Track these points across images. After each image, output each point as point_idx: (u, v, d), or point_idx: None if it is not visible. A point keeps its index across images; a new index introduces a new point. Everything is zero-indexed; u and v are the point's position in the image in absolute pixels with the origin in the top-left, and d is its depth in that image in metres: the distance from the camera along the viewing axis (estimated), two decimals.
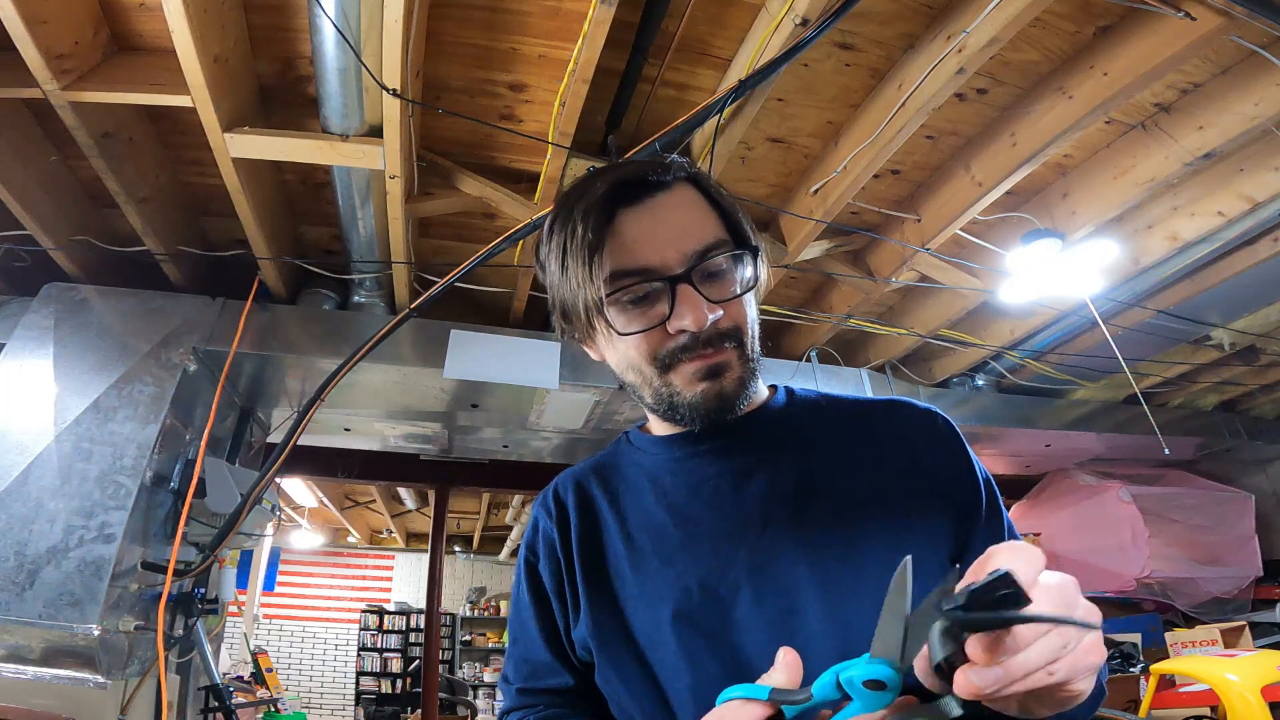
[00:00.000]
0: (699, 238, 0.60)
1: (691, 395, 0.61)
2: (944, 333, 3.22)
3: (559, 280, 0.64)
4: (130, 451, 2.19)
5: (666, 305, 0.59)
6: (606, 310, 0.60)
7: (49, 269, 2.46)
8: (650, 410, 0.69)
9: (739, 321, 0.62)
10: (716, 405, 0.62)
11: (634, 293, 0.59)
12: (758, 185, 2.44)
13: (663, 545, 0.64)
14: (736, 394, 0.62)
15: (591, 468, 0.75)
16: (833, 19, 1.61)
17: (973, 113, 2.16)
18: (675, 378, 0.61)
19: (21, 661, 1.96)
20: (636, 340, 0.61)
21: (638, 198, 0.61)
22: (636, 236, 0.60)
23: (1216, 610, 4.04)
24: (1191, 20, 1.64)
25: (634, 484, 0.70)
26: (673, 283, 0.58)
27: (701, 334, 0.59)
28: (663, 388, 0.62)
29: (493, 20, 1.80)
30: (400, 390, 2.92)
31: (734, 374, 0.62)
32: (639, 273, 0.59)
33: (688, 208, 0.62)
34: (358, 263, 2.52)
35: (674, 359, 0.61)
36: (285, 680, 7.24)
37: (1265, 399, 4.19)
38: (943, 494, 0.63)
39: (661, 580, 0.61)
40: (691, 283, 0.58)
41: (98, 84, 1.78)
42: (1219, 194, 2.36)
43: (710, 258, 0.60)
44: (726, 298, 0.61)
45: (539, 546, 0.71)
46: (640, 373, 0.63)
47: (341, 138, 1.88)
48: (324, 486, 6.40)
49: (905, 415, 0.69)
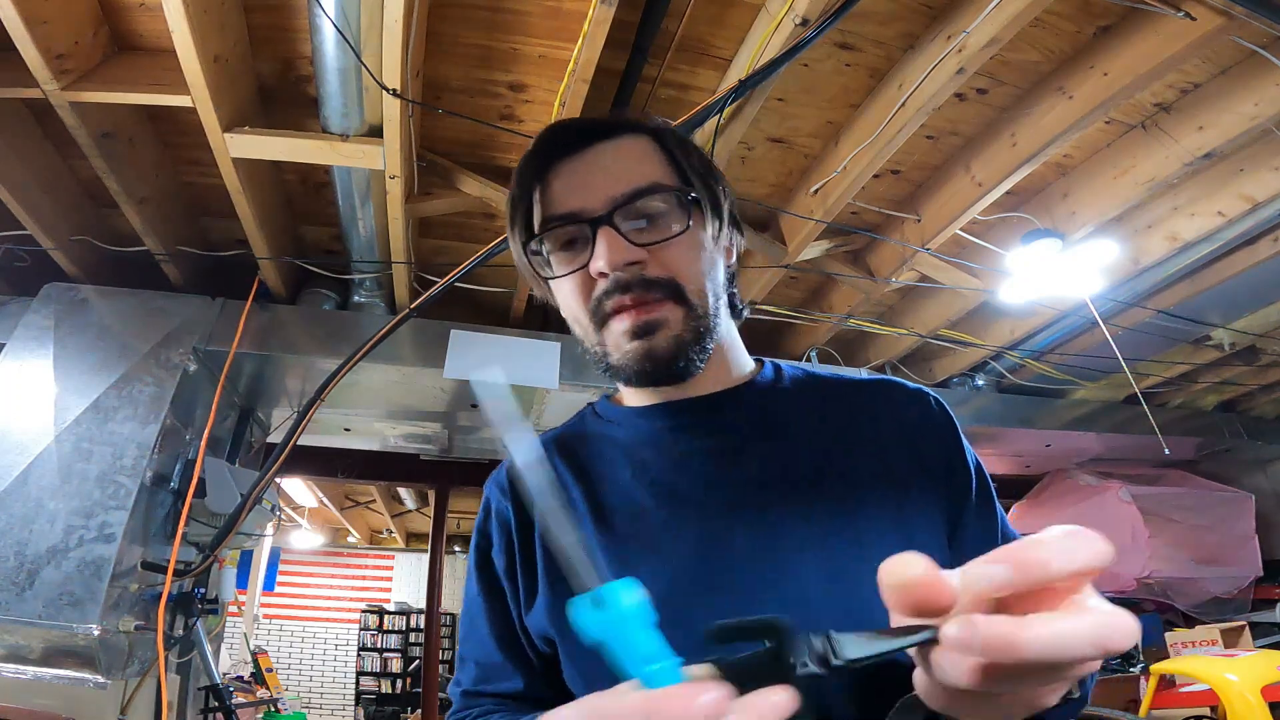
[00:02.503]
0: (629, 181, 0.57)
1: (620, 357, 0.57)
2: (944, 333, 3.22)
3: (511, 242, 0.63)
4: (130, 451, 2.19)
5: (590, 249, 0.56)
6: (543, 257, 0.60)
7: (49, 269, 2.46)
8: (600, 371, 0.64)
9: (675, 271, 0.57)
10: (647, 366, 0.56)
11: (560, 238, 0.58)
12: (758, 185, 2.44)
13: (642, 527, 0.58)
14: (670, 353, 0.56)
15: (553, 440, 0.68)
16: (833, 19, 1.61)
17: (973, 113, 2.16)
18: (607, 337, 0.58)
19: (21, 661, 1.96)
20: (571, 288, 0.59)
21: (575, 148, 0.59)
22: (566, 182, 0.58)
23: (1216, 610, 4.04)
24: (1191, 20, 1.64)
25: (606, 458, 0.63)
26: (593, 224, 0.56)
27: (624, 279, 0.55)
28: (598, 346, 0.59)
29: (493, 20, 1.80)
30: (400, 390, 2.92)
31: (669, 331, 0.56)
32: (564, 217, 0.57)
33: (629, 155, 0.59)
34: (358, 263, 2.52)
35: (603, 310, 0.57)
36: (285, 680, 7.24)
37: (1265, 399, 4.19)
38: (937, 474, 0.60)
39: (642, 564, 0.55)
40: (613, 224, 0.55)
41: (98, 84, 1.78)
42: (1219, 194, 2.36)
43: (639, 200, 0.56)
44: (654, 240, 0.56)
45: (492, 529, 0.65)
46: (580, 325, 0.61)
47: (341, 138, 1.88)
48: (324, 486, 6.40)
49: (898, 394, 0.66)
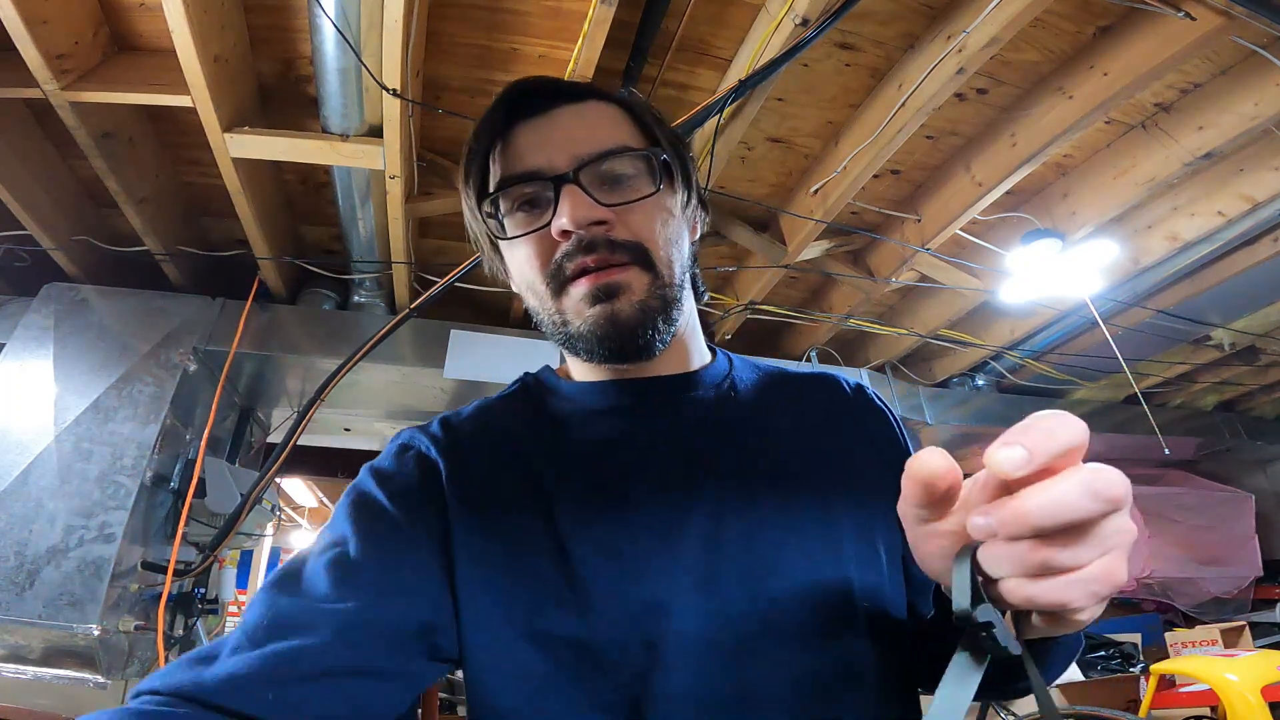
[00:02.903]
0: (597, 142, 0.55)
1: (580, 323, 0.54)
2: (944, 333, 3.22)
3: (464, 202, 0.60)
4: (130, 451, 2.19)
5: (553, 209, 0.53)
6: (498, 220, 0.56)
7: (49, 269, 2.46)
8: (555, 343, 0.60)
9: (642, 235, 0.54)
10: (609, 331, 0.53)
11: (519, 196, 0.55)
12: (758, 185, 2.44)
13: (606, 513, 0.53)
14: (635, 320, 0.53)
15: (487, 409, 0.62)
16: (833, 19, 1.61)
17: (973, 113, 2.16)
18: (566, 303, 0.55)
19: (21, 661, 1.96)
20: (527, 251, 0.55)
21: (538, 109, 0.57)
22: (528, 142, 0.56)
23: (1216, 610, 4.04)
24: (1191, 20, 1.64)
25: (562, 433, 0.58)
26: (557, 182, 0.53)
27: (587, 238, 0.53)
28: (555, 314, 0.56)
29: (493, 20, 1.80)
30: (400, 390, 2.92)
31: (632, 296, 0.53)
32: (525, 176, 0.55)
33: (597, 118, 0.57)
34: (358, 263, 2.52)
35: (562, 273, 0.54)
36: None
37: (1265, 399, 4.19)
38: (888, 464, 0.60)
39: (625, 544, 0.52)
40: (578, 183, 0.53)
41: (98, 84, 1.78)
42: (1219, 194, 2.36)
43: (606, 160, 0.54)
44: (620, 201, 0.54)
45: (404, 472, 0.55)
46: (535, 292, 0.57)
47: (341, 138, 1.88)
48: (324, 486, 6.40)
49: (842, 386, 0.68)
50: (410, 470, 0.55)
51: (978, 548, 0.33)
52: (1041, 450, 0.30)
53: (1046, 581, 0.31)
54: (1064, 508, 0.30)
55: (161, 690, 0.42)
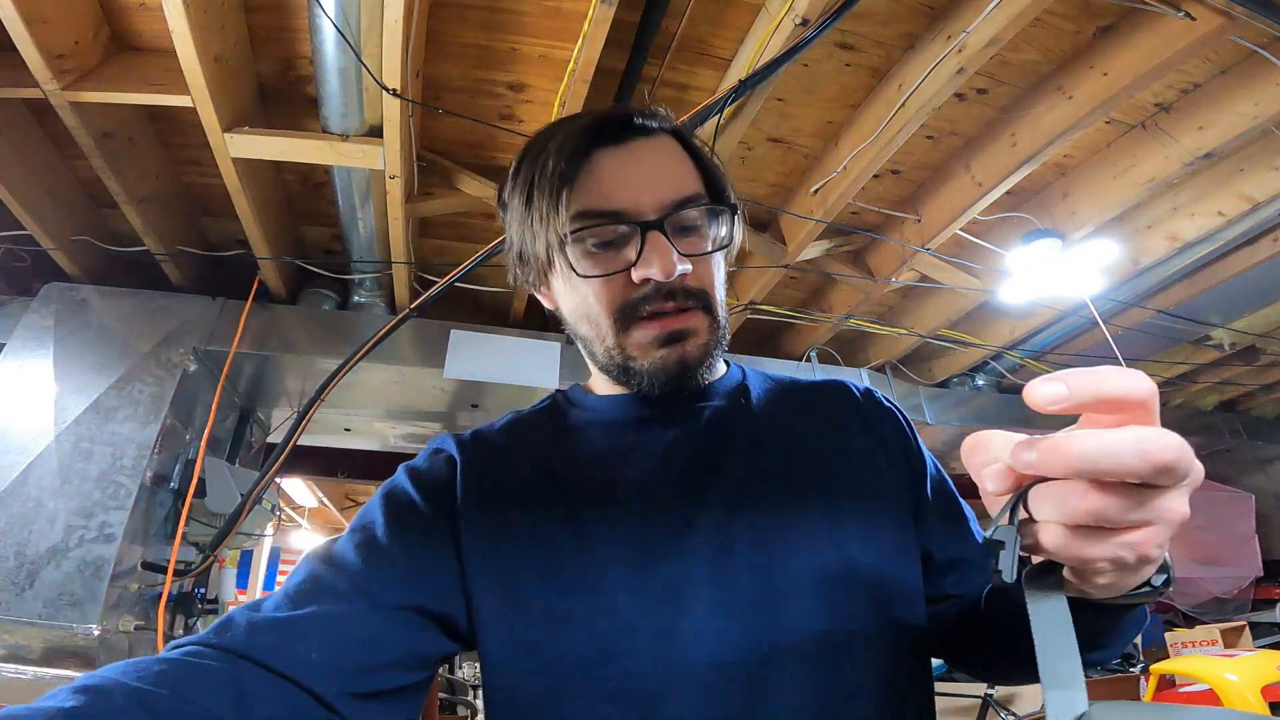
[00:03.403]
0: (677, 187, 0.57)
1: (649, 362, 0.57)
2: (944, 333, 3.22)
3: (521, 216, 0.59)
4: (130, 451, 2.19)
5: (634, 252, 0.55)
6: (569, 251, 0.56)
7: (49, 269, 2.47)
8: (599, 369, 0.63)
9: (707, 283, 0.58)
10: (678, 371, 0.57)
11: (601, 235, 0.56)
12: (758, 185, 2.44)
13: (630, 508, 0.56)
14: (700, 361, 0.57)
15: (521, 420, 0.66)
16: (833, 19, 1.61)
17: (973, 113, 2.16)
18: (632, 342, 0.57)
19: (21, 661, 1.96)
20: (597, 288, 0.56)
21: (619, 138, 0.57)
22: (612, 177, 0.56)
23: (1216, 610, 4.04)
24: (1191, 20, 1.64)
25: (594, 442, 0.62)
26: (644, 228, 0.54)
27: (665, 287, 0.55)
28: (616, 350, 0.58)
29: (493, 20, 1.80)
30: (400, 390, 2.92)
31: (699, 340, 0.57)
32: (610, 215, 0.55)
33: (669, 156, 0.59)
34: (358, 263, 2.52)
35: (635, 313, 0.56)
36: None
37: (1265, 399, 4.19)
38: (899, 462, 0.64)
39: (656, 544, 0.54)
40: (664, 231, 0.54)
41: (98, 84, 1.78)
42: (1219, 194, 2.36)
43: (686, 208, 0.56)
44: (698, 252, 0.57)
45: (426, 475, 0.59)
46: (596, 325, 0.58)
47: (341, 138, 1.88)
48: (324, 486, 6.40)
49: (852, 392, 0.69)
50: (438, 468, 0.60)
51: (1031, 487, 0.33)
52: (1082, 391, 0.30)
53: (1078, 534, 0.31)
54: (1105, 456, 0.29)
55: (200, 641, 0.45)
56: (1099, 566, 0.32)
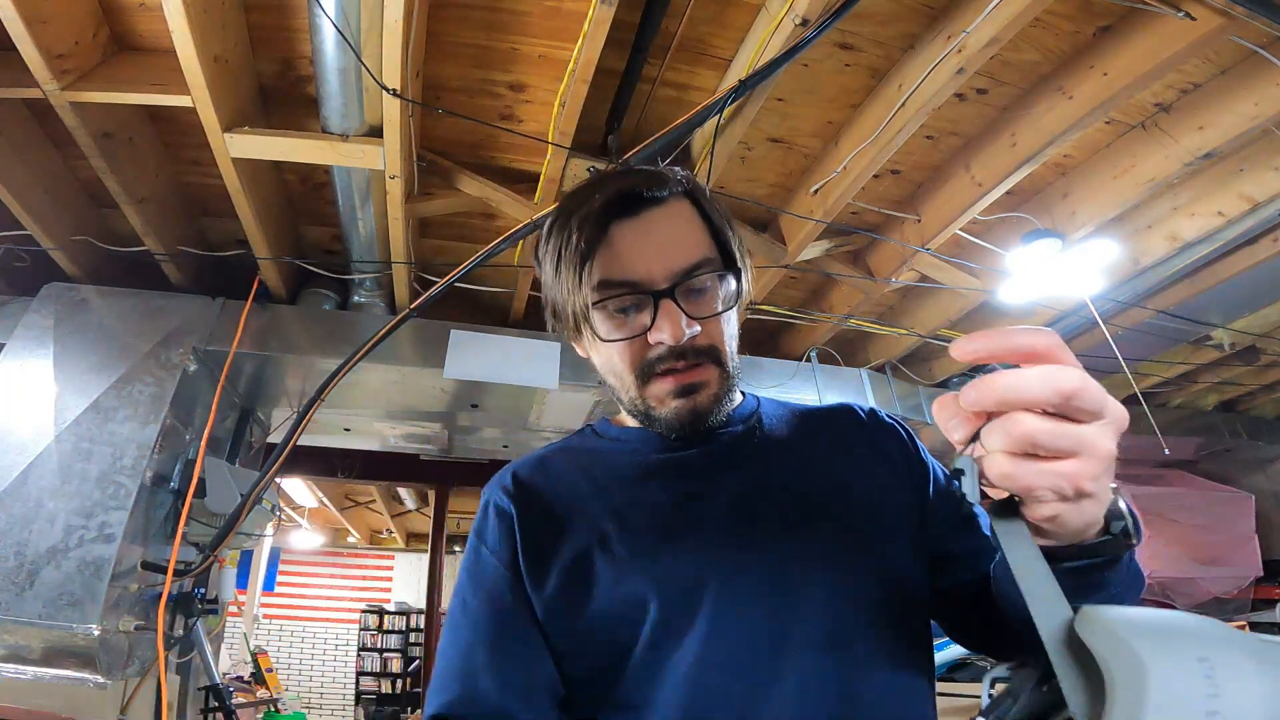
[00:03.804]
0: (686, 255, 0.63)
1: (665, 412, 0.64)
2: (944, 333, 3.22)
3: (552, 281, 0.67)
4: (130, 451, 2.19)
5: (649, 317, 0.62)
6: (593, 316, 0.63)
7: (49, 269, 2.47)
8: (627, 412, 0.71)
9: (716, 340, 0.65)
10: (690, 420, 0.64)
11: (620, 303, 0.63)
12: (758, 185, 2.44)
13: (657, 525, 0.64)
14: (711, 409, 0.65)
15: (559, 449, 0.75)
16: (833, 19, 1.61)
17: (973, 113, 2.16)
18: (651, 394, 0.65)
19: (21, 661, 1.96)
20: (620, 347, 0.64)
21: (633, 210, 0.63)
22: (627, 249, 0.62)
23: (1216, 610, 4.04)
24: (1191, 20, 1.64)
25: (619, 470, 0.69)
26: (656, 297, 0.61)
27: (677, 348, 0.62)
28: (639, 400, 0.66)
29: (493, 20, 1.80)
30: (400, 390, 2.92)
31: (710, 391, 0.64)
32: (625, 284, 0.62)
33: (679, 224, 0.65)
34: (358, 263, 2.52)
35: (652, 370, 0.63)
36: (285, 680, 7.24)
37: (1265, 399, 4.19)
38: (905, 474, 0.70)
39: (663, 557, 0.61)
40: (674, 298, 0.61)
41: (98, 84, 1.78)
42: (1219, 194, 2.36)
43: (694, 275, 0.62)
44: (706, 315, 0.63)
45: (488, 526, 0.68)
46: (620, 379, 0.66)
47: (341, 138, 1.88)
48: (324, 486, 6.40)
49: (860, 414, 0.76)
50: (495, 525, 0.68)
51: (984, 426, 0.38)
52: (997, 345, 0.37)
53: (1020, 462, 0.36)
54: (1020, 385, 0.35)
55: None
56: (1039, 495, 0.37)
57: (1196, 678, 0.29)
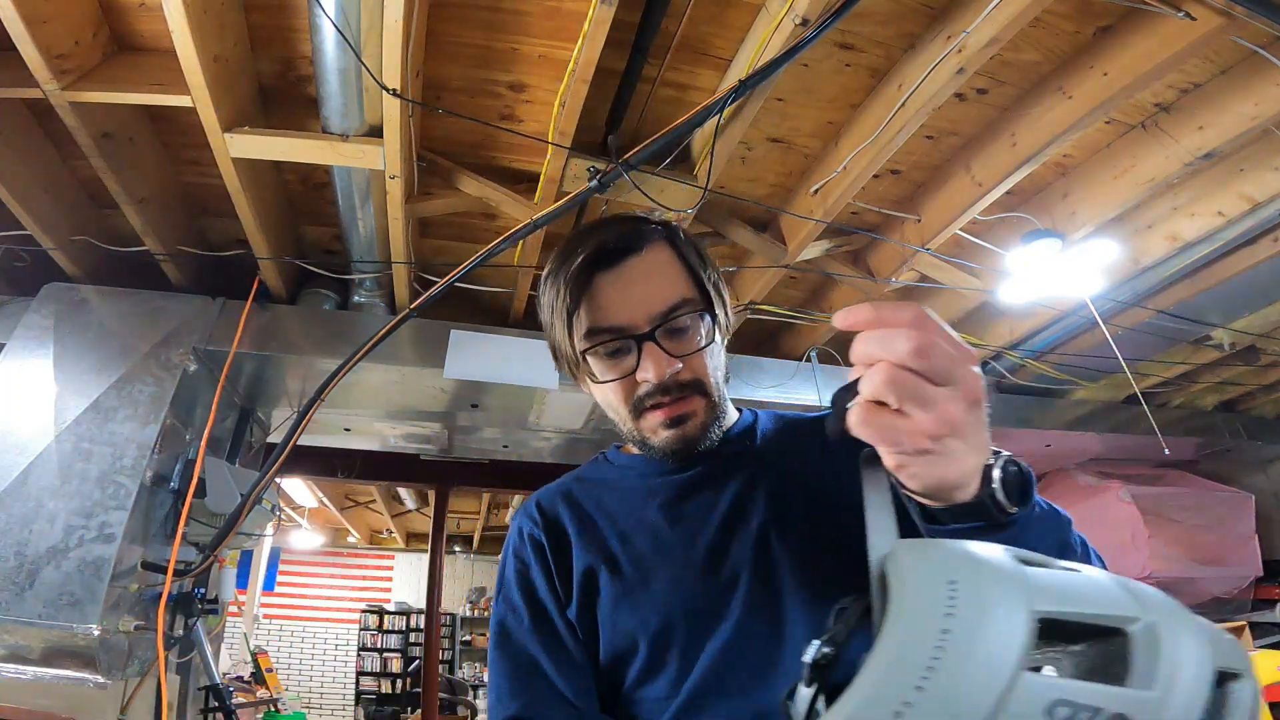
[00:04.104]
0: (664, 299, 0.68)
1: (658, 440, 0.71)
2: None
3: (548, 329, 0.74)
4: (130, 451, 2.19)
5: (635, 359, 0.68)
6: (586, 361, 0.70)
7: (49, 269, 2.47)
8: (627, 441, 0.78)
9: (700, 374, 0.70)
10: (681, 448, 0.71)
11: (609, 347, 0.69)
12: (758, 185, 2.44)
13: (659, 544, 0.71)
14: (699, 437, 0.71)
15: (574, 479, 0.83)
16: (833, 19, 1.61)
17: (973, 113, 2.16)
18: (644, 425, 0.71)
19: (21, 661, 1.96)
20: (613, 387, 0.70)
21: (613, 262, 0.69)
22: (609, 299, 0.68)
23: (1216, 610, 4.04)
24: (1191, 20, 1.64)
25: (625, 495, 0.77)
26: (639, 340, 0.67)
27: (662, 385, 0.68)
28: (634, 431, 0.72)
29: (493, 20, 1.80)
30: (400, 390, 2.92)
31: (698, 420, 0.70)
32: (610, 330, 0.68)
33: (658, 270, 0.70)
34: (358, 263, 2.52)
35: (642, 405, 0.70)
36: (285, 680, 7.24)
37: (1265, 399, 4.19)
38: None
39: (660, 572, 0.69)
40: (655, 340, 0.67)
41: (98, 84, 1.78)
42: (1219, 194, 2.36)
43: (674, 317, 0.68)
44: (687, 352, 0.69)
45: (527, 553, 0.76)
46: (617, 414, 0.73)
47: (341, 138, 1.88)
48: (324, 486, 6.40)
49: None
50: (531, 549, 0.75)
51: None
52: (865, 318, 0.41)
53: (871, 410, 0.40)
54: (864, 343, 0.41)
55: None
56: (883, 444, 0.41)
57: (940, 598, 0.33)
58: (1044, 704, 0.29)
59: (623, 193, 2.06)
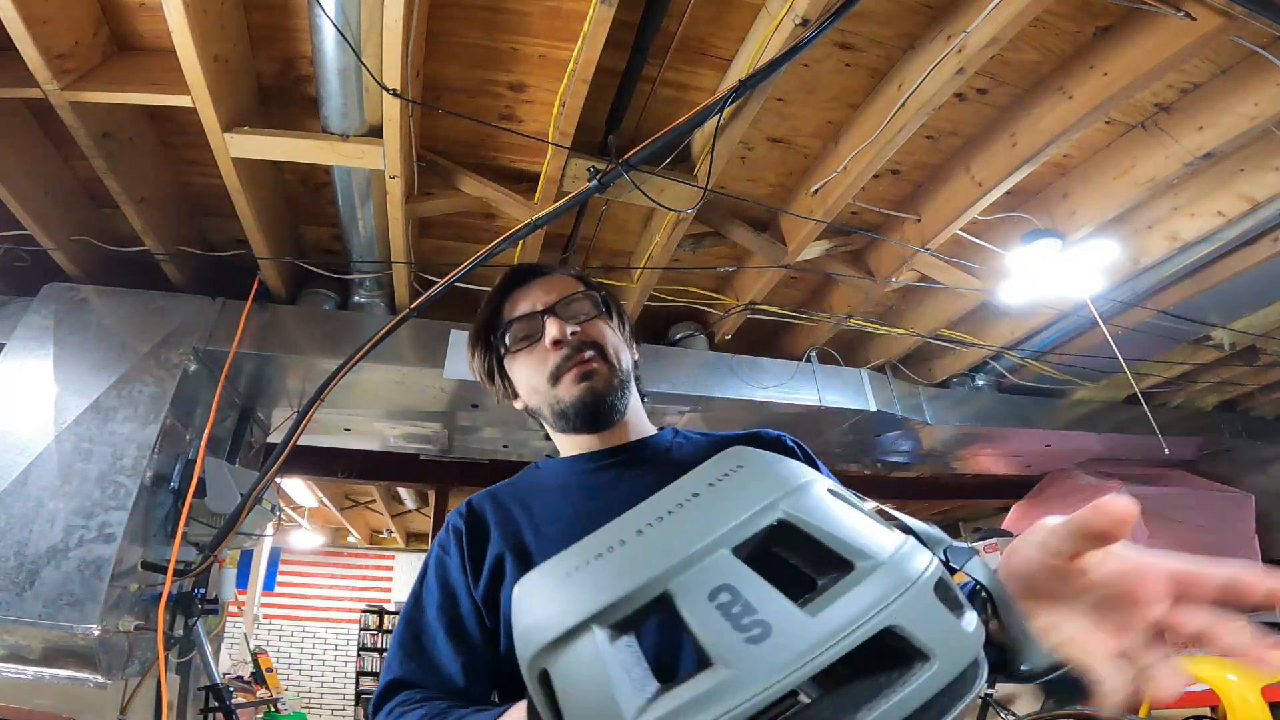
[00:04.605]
0: (562, 291, 0.86)
1: (570, 396, 0.81)
2: (944, 333, 3.22)
3: (482, 357, 0.90)
4: (130, 451, 2.19)
5: (543, 333, 0.82)
6: (504, 341, 0.85)
7: (49, 269, 2.47)
8: (552, 429, 0.88)
9: (597, 337, 0.83)
10: (591, 398, 0.80)
11: (524, 328, 0.84)
12: (758, 185, 2.44)
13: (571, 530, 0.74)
14: (605, 391, 0.81)
15: (506, 484, 0.91)
16: (833, 19, 1.61)
17: (973, 113, 2.16)
18: (561, 387, 0.81)
19: (21, 661, 1.96)
20: (534, 362, 0.83)
21: (524, 280, 0.88)
22: (522, 298, 0.87)
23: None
24: (1191, 20, 1.64)
25: (545, 493, 0.85)
26: (543, 314, 0.83)
27: (570, 342, 0.81)
28: (553, 399, 0.82)
29: (493, 20, 1.80)
30: (400, 390, 2.92)
31: (602, 376, 0.81)
32: (524, 316, 0.85)
33: (560, 282, 0.88)
34: (358, 263, 2.52)
35: (560, 371, 0.81)
36: (285, 680, 7.24)
37: (1265, 399, 4.19)
38: None
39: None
40: (555, 313, 0.83)
41: (98, 84, 1.78)
42: (1219, 194, 2.36)
43: (570, 301, 0.85)
44: (583, 319, 0.85)
45: (449, 541, 0.83)
46: (539, 392, 0.83)
47: (341, 138, 1.88)
48: (324, 486, 6.40)
49: (765, 439, 0.88)
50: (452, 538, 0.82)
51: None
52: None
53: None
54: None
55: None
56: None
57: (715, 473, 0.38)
58: (717, 582, 0.30)
59: (623, 193, 2.06)
